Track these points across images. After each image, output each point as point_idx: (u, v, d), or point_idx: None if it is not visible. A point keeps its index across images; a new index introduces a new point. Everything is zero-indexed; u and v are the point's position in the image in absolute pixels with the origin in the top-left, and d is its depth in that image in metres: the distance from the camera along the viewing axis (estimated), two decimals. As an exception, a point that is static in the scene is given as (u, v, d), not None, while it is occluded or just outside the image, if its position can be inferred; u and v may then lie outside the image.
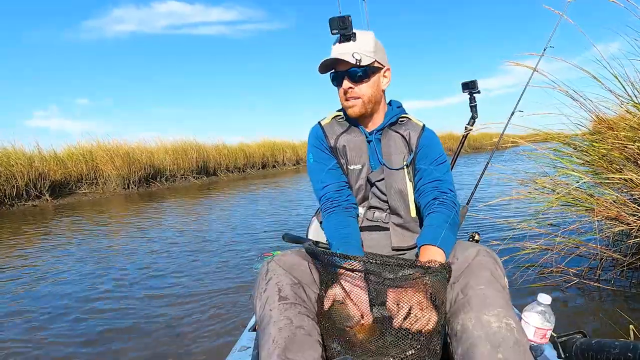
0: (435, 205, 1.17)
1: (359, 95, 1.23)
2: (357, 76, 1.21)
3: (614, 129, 2.32)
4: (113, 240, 4.54)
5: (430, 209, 1.18)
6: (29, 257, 3.86)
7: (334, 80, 1.26)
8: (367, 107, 1.25)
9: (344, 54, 1.18)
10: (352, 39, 1.20)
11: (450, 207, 1.17)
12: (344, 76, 1.22)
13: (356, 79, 1.21)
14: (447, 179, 1.24)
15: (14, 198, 7.41)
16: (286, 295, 0.97)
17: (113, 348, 2.04)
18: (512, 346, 0.84)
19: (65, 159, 9.01)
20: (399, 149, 1.27)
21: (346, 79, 1.22)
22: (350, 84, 1.22)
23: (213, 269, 3.22)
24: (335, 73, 1.24)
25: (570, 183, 2.39)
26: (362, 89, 1.23)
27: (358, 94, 1.23)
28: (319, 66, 1.23)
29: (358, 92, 1.23)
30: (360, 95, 1.23)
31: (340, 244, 1.14)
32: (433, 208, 1.17)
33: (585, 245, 2.41)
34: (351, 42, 1.20)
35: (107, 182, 9.42)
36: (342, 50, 1.19)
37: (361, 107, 1.24)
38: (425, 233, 1.10)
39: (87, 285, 2.99)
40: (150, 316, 2.40)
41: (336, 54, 1.20)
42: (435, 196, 1.19)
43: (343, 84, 1.23)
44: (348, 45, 1.20)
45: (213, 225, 5.09)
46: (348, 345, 0.97)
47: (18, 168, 7.48)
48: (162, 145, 11.40)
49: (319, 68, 1.23)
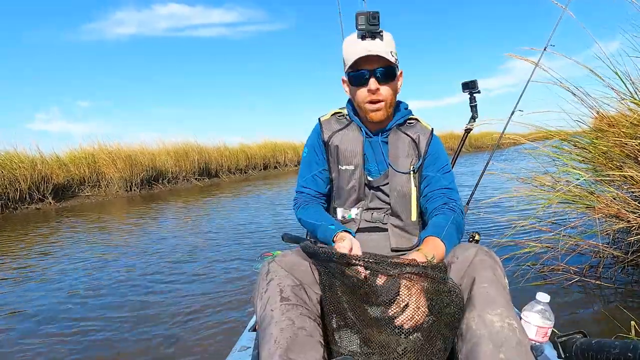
0: (444, 209, 1.18)
1: (383, 98, 1.16)
2: (386, 77, 1.14)
3: (614, 125, 2.32)
4: (114, 242, 4.56)
5: (438, 211, 1.18)
6: (30, 258, 3.88)
7: (357, 79, 1.16)
8: (388, 112, 1.20)
9: (378, 51, 1.10)
10: (379, 37, 1.11)
11: (458, 212, 1.17)
12: (370, 76, 1.13)
13: (382, 79, 1.14)
14: (454, 187, 1.25)
15: (18, 201, 7.44)
16: (288, 296, 0.97)
17: (113, 348, 2.06)
18: (515, 346, 0.84)
19: (67, 162, 9.04)
20: (407, 152, 1.24)
21: (373, 79, 1.13)
22: (377, 84, 1.14)
23: (213, 270, 3.24)
24: (359, 72, 1.14)
25: (570, 181, 2.39)
26: (386, 91, 1.16)
27: (383, 97, 1.16)
28: (350, 63, 1.13)
29: (383, 95, 1.15)
30: (384, 99, 1.16)
31: (327, 222, 1.19)
32: (441, 211, 1.17)
33: (586, 243, 2.41)
34: (378, 40, 1.11)
35: (110, 185, 9.45)
36: (371, 47, 1.10)
37: (384, 111, 1.18)
38: (430, 228, 1.12)
39: (87, 286, 3.01)
40: (150, 316, 2.41)
41: (366, 51, 1.10)
42: (444, 202, 1.20)
43: (369, 84, 1.13)
44: (377, 44, 1.11)
45: (214, 227, 5.10)
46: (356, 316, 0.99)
47: (21, 171, 7.51)
48: (163, 147, 11.44)
49: (350, 64, 1.13)
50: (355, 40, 1.14)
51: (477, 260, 1.01)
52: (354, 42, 1.14)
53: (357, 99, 1.20)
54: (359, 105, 1.21)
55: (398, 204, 1.24)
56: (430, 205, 1.21)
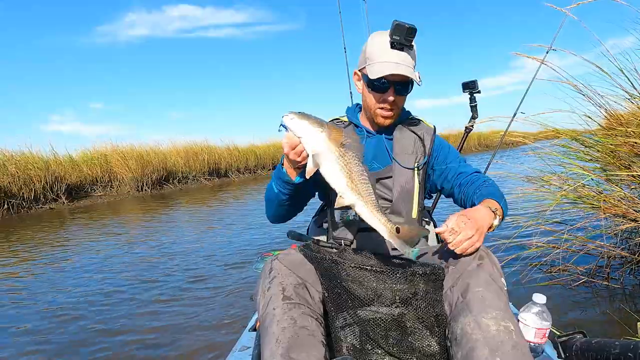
0: (487, 183, 1.21)
1: (396, 108, 1.22)
2: (404, 90, 1.20)
3: (623, 124, 2.29)
4: (124, 240, 4.63)
5: (483, 185, 1.21)
6: (39, 256, 3.98)
7: (376, 86, 1.18)
8: (396, 118, 1.26)
9: (405, 69, 1.13)
10: (409, 50, 1.16)
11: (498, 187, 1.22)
12: (390, 87, 1.18)
13: (402, 92, 1.20)
14: (480, 171, 1.31)
15: (32, 201, 7.61)
16: (290, 295, 0.98)
17: (114, 348, 2.10)
18: (510, 350, 0.84)
19: (80, 162, 9.21)
20: (413, 149, 1.26)
21: (392, 89, 1.18)
22: (395, 96, 1.19)
23: (214, 270, 3.28)
24: (381, 80, 1.16)
25: (577, 180, 2.36)
26: (400, 102, 1.22)
27: (397, 107, 1.22)
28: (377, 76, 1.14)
29: (397, 105, 1.22)
30: (398, 109, 1.23)
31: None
32: (486, 184, 1.21)
33: (593, 243, 2.38)
34: (405, 53, 1.15)
35: (121, 185, 9.60)
36: (400, 60, 1.14)
37: (394, 118, 1.24)
38: (484, 194, 1.15)
39: (92, 283, 3.08)
40: (149, 316, 2.46)
41: (394, 66, 1.13)
42: (485, 179, 1.24)
43: (387, 94, 1.18)
44: (405, 57, 1.15)
45: (221, 226, 5.15)
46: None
47: (35, 172, 7.68)
48: (174, 147, 11.56)
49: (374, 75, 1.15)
50: (385, 45, 1.15)
51: (474, 263, 1.01)
52: (383, 48, 1.15)
53: (368, 101, 1.24)
54: (369, 107, 1.24)
55: (400, 200, 1.23)
56: (471, 188, 1.23)
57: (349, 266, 1.04)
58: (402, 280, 1.02)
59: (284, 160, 1.08)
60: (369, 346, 1.02)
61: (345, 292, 1.03)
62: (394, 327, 1.01)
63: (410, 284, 1.02)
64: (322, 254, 1.08)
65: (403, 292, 1.02)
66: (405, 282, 1.02)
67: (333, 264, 1.04)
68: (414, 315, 1.01)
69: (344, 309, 1.03)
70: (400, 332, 1.00)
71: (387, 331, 1.01)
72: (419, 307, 1.01)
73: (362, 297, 1.02)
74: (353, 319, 1.03)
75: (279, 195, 1.14)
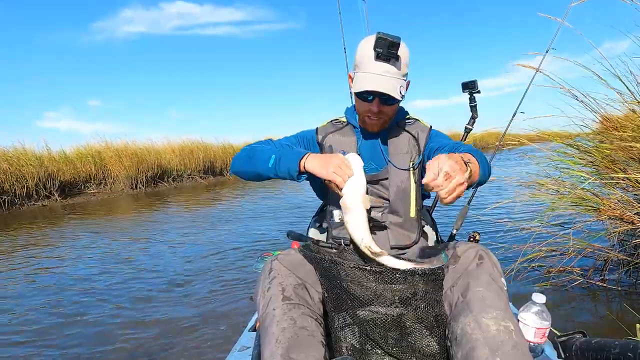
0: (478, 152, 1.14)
1: (384, 116, 1.22)
2: (391, 101, 1.19)
3: (618, 129, 2.31)
4: (117, 239, 4.60)
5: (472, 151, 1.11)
6: (33, 255, 3.93)
7: (365, 97, 1.19)
8: (386, 124, 1.26)
9: (388, 81, 1.13)
10: (395, 60, 1.14)
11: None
12: (376, 98, 1.18)
13: (388, 102, 1.19)
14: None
15: (24, 198, 7.52)
16: (289, 295, 0.98)
17: (113, 347, 2.08)
18: (510, 350, 0.84)
19: (74, 159, 9.12)
20: (407, 149, 1.26)
21: (377, 100, 1.18)
22: (381, 106, 1.19)
23: (213, 270, 3.26)
24: (366, 94, 1.18)
25: (574, 183, 2.38)
26: (389, 110, 1.21)
27: (384, 115, 1.22)
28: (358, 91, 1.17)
29: (384, 113, 1.21)
30: (385, 116, 1.22)
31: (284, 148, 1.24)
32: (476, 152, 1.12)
33: (590, 246, 2.40)
34: (390, 64, 1.14)
35: (115, 182, 9.52)
36: (385, 72, 1.13)
37: (383, 124, 1.25)
38: (470, 150, 1.10)
39: (88, 282, 3.06)
40: (150, 315, 2.44)
41: (376, 81, 1.13)
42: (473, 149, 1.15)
43: (373, 104, 1.18)
44: (390, 68, 1.14)
45: (218, 225, 5.12)
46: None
47: (28, 169, 7.59)
48: (169, 145, 11.51)
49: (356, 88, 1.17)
50: (371, 53, 1.14)
51: (474, 263, 1.01)
52: (370, 57, 1.14)
53: (358, 107, 1.26)
54: (359, 113, 1.26)
55: (397, 200, 1.25)
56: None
57: (349, 266, 1.03)
58: (401, 280, 1.02)
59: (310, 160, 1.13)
60: (368, 346, 1.02)
61: (345, 292, 1.02)
62: (394, 327, 1.00)
63: (409, 284, 1.02)
64: (321, 254, 1.08)
65: (402, 292, 1.01)
66: (404, 282, 1.02)
67: (332, 264, 1.04)
68: (414, 315, 1.00)
69: (344, 309, 1.03)
70: (400, 332, 1.00)
71: (387, 331, 1.00)
72: (418, 307, 1.00)
73: (362, 297, 1.02)
74: (353, 319, 1.03)
75: (266, 171, 1.19)
